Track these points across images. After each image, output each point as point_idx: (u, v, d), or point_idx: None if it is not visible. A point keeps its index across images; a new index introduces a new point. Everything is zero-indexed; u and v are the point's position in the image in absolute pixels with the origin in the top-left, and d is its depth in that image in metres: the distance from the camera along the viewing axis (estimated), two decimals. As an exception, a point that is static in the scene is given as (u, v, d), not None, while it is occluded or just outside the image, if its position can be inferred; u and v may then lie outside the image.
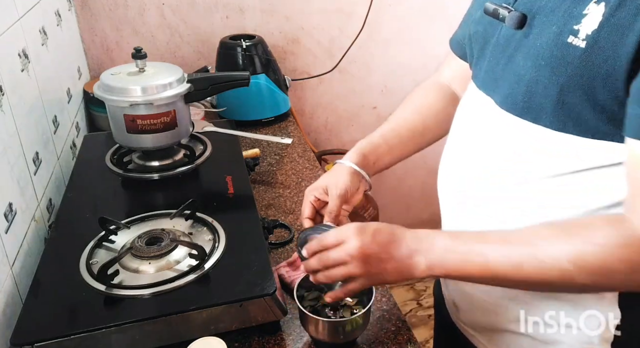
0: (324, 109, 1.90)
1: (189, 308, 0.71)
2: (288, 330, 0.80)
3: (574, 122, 0.58)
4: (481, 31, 0.72)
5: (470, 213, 0.73)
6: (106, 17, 1.57)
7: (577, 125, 0.58)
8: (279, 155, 1.34)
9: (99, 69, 1.59)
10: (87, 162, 1.11)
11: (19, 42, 0.99)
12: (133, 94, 0.97)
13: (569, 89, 0.57)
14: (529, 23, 0.62)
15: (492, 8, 0.67)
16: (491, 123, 0.68)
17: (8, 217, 0.82)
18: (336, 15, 1.73)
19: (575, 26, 0.56)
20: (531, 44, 0.62)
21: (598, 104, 0.56)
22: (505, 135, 0.66)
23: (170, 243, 0.80)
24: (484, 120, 0.70)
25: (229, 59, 1.48)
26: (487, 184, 0.69)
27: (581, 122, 0.58)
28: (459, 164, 0.75)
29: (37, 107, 1.05)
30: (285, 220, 1.07)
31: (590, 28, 0.55)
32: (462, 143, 0.75)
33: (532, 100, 0.62)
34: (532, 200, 0.64)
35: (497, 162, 0.68)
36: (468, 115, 0.75)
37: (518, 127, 0.64)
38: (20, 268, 0.84)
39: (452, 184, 0.77)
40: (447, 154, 0.80)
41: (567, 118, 0.59)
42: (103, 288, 0.73)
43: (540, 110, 0.61)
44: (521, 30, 0.63)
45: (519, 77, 0.63)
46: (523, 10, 0.63)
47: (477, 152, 0.71)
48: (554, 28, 0.59)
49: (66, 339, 0.67)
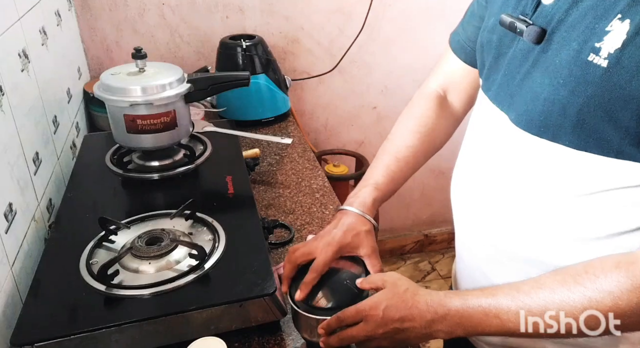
0: (324, 109, 1.90)
1: (189, 308, 0.71)
2: (288, 330, 0.80)
3: (596, 142, 0.56)
4: (495, 41, 0.69)
5: (484, 229, 0.72)
6: (106, 17, 1.57)
7: (598, 145, 0.56)
8: (279, 155, 1.34)
9: (99, 69, 1.59)
10: (87, 162, 1.11)
11: (19, 42, 0.99)
12: (133, 94, 0.97)
13: (589, 109, 0.55)
14: (548, 38, 0.59)
15: (508, 21, 0.63)
16: (506, 140, 0.66)
17: (8, 217, 0.82)
18: (336, 15, 1.73)
19: (597, 44, 0.54)
20: (550, 60, 0.59)
21: (621, 125, 0.54)
22: (521, 154, 0.64)
23: (170, 243, 0.80)
24: (499, 136, 0.68)
25: (229, 59, 1.48)
26: (502, 202, 0.68)
27: (603, 142, 0.56)
28: (474, 180, 0.74)
29: (37, 107, 1.05)
30: (285, 220, 1.07)
31: (613, 46, 0.52)
32: (477, 158, 0.74)
33: (549, 119, 0.59)
34: (550, 220, 0.63)
35: (513, 180, 0.66)
36: (482, 130, 0.73)
37: (535, 146, 0.62)
38: (20, 268, 0.84)
39: (466, 200, 0.76)
40: (460, 169, 0.78)
41: (588, 137, 0.56)
42: (103, 288, 0.73)
43: (559, 129, 0.59)
44: (539, 45, 0.60)
45: (536, 94, 0.61)
46: (542, 24, 0.60)
47: (492, 169, 0.70)
48: (574, 44, 0.56)
49: (66, 339, 0.66)
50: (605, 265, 0.55)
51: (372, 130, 1.96)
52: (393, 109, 1.86)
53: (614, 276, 0.53)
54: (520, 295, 0.58)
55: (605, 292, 0.53)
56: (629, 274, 0.52)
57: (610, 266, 0.54)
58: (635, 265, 0.52)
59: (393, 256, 2.31)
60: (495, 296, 0.59)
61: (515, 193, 0.66)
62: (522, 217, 0.66)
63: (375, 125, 1.95)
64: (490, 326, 0.59)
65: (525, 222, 0.66)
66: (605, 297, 0.53)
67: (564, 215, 0.62)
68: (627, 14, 0.52)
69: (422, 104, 0.88)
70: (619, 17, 0.52)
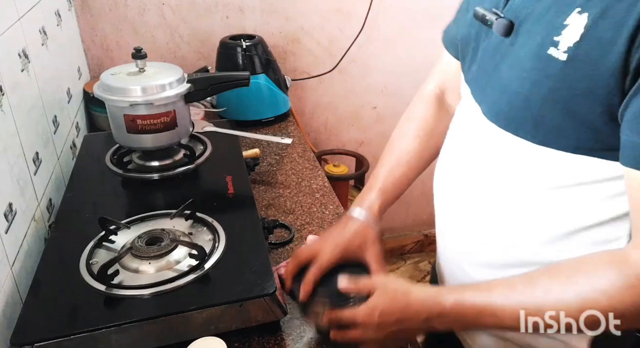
0: (324, 109, 1.90)
1: (189, 308, 0.71)
2: (288, 330, 0.80)
3: (555, 137, 0.57)
4: (473, 35, 0.70)
5: (459, 221, 0.73)
6: (106, 17, 1.57)
7: (558, 139, 0.57)
8: (279, 155, 1.34)
9: (99, 69, 1.59)
10: (87, 162, 1.11)
11: (19, 42, 0.99)
12: (133, 94, 0.97)
13: (549, 102, 0.56)
14: (516, 31, 0.60)
15: (481, 14, 0.65)
16: (479, 133, 0.68)
17: (8, 217, 0.82)
18: (336, 15, 1.73)
19: (557, 37, 0.54)
20: (516, 53, 0.60)
21: (579, 120, 0.54)
22: (492, 146, 0.66)
23: (170, 243, 0.80)
24: (473, 129, 0.69)
25: (229, 59, 1.48)
26: (476, 195, 0.69)
27: (562, 137, 0.56)
28: (451, 172, 0.76)
29: (37, 107, 1.05)
30: (285, 220, 1.07)
31: (572, 40, 0.53)
32: (455, 151, 0.76)
33: (513, 112, 0.61)
34: (520, 214, 0.64)
35: (485, 173, 0.68)
36: (461, 122, 0.75)
37: (501, 139, 0.63)
38: (20, 268, 0.84)
39: (444, 192, 0.78)
40: (441, 161, 0.80)
41: (548, 132, 0.57)
42: (103, 288, 0.73)
43: (522, 123, 0.60)
44: (508, 38, 0.61)
45: (504, 87, 0.62)
46: (511, 17, 0.61)
47: (467, 161, 0.71)
48: (538, 38, 0.57)
49: (66, 339, 0.66)
50: (598, 263, 0.55)
51: (372, 130, 1.96)
52: (393, 109, 1.86)
53: (607, 275, 0.53)
54: (514, 294, 0.58)
55: (600, 291, 0.53)
56: (621, 273, 0.52)
57: (602, 264, 0.54)
58: (626, 263, 0.52)
59: (393, 256, 2.31)
60: (489, 294, 0.59)
61: (488, 186, 0.67)
62: (494, 211, 0.67)
63: (375, 125, 1.95)
64: (487, 323, 0.59)
65: (498, 215, 0.67)
66: (601, 297, 0.52)
67: (533, 209, 0.63)
68: (585, 8, 0.52)
69: (421, 107, 0.89)
70: (578, 10, 0.53)
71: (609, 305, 0.52)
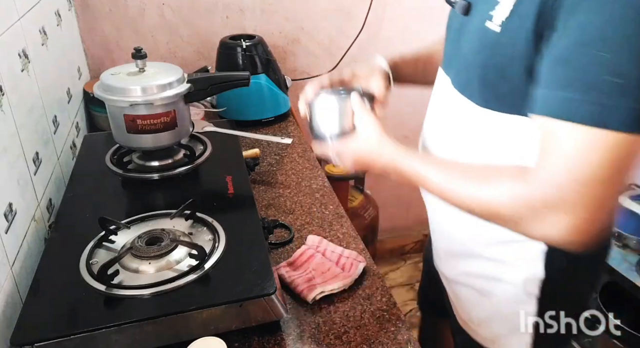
0: (324, 109, 1.89)
1: (189, 308, 0.71)
2: (288, 330, 0.80)
3: (495, 99, 0.68)
4: (450, 16, 0.82)
5: None
6: (106, 17, 1.57)
7: (497, 101, 0.68)
8: (279, 155, 1.34)
9: (99, 69, 1.59)
10: (87, 162, 1.11)
11: (19, 42, 0.99)
12: (133, 94, 0.97)
13: (488, 68, 0.67)
14: (472, 10, 0.71)
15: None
16: (447, 100, 0.79)
17: (8, 217, 0.82)
18: (336, 15, 1.73)
19: (491, 12, 0.65)
20: (469, 28, 0.71)
21: (509, 83, 0.64)
22: (455, 111, 0.77)
23: (170, 243, 0.80)
24: (444, 96, 0.81)
25: (229, 59, 1.48)
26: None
27: (500, 99, 0.67)
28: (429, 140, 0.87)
29: (37, 107, 1.05)
30: (285, 220, 1.07)
31: (504, 15, 0.63)
32: (433, 121, 0.86)
33: (468, 79, 0.72)
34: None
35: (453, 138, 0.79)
36: (437, 93, 0.85)
37: (461, 104, 0.74)
38: (20, 268, 0.84)
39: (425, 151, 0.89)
40: (423, 130, 0.90)
41: (489, 95, 0.69)
42: (103, 288, 0.73)
43: (473, 89, 0.71)
44: (467, 17, 0.72)
45: (463, 58, 0.73)
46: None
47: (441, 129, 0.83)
48: (481, 14, 0.67)
49: (66, 339, 0.67)
50: (511, 172, 0.64)
51: (372, 130, 1.95)
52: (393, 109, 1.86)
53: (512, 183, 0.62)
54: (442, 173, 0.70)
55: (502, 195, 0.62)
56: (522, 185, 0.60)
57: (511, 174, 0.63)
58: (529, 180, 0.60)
59: (393, 256, 2.31)
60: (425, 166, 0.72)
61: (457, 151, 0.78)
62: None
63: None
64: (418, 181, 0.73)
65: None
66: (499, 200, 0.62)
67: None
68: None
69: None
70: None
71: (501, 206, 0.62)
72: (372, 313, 0.84)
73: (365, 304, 0.86)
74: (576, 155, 0.56)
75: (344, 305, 0.86)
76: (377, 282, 0.91)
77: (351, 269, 0.91)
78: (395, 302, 0.87)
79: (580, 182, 0.56)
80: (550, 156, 0.58)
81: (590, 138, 0.55)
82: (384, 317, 0.83)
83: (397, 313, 0.84)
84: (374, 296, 0.88)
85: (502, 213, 0.63)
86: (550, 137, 0.58)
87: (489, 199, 0.64)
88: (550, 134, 0.58)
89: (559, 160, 0.57)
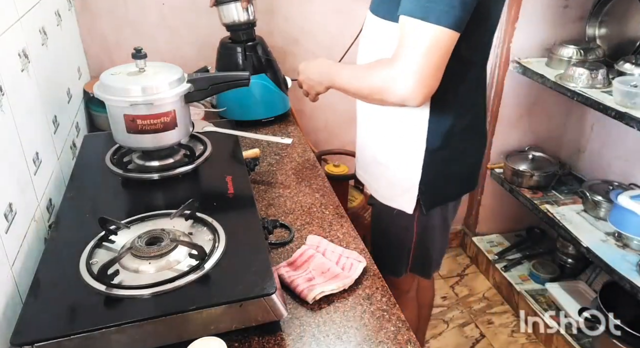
0: (323, 109, 1.90)
1: (189, 308, 0.71)
2: (288, 330, 0.80)
3: (388, 11, 0.95)
4: None
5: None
6: (106, 17, 1.57)
7: (390, 13, 0.94)
8: (279, 155, 1.34)
9: (99, 69, 1.59)
10: (87, 162, 1.11)
11: (19, 42, 0.99)
12: (133, 94, 0.97)
13: None
14: None
15: None
16: (367, 25, 1.09)
17: (8, 217, 0.82)
18: (336, 15, 1.73)
19: None
20: None
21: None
22: (369, 30, 1.08)
23: (170, 243, 0.80)
24: (366, 25, 1.10)
25: (229, 59, 1.48)
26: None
27: (391, 11, 0.93)
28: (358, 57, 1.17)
29: (37, 107, 1.05)
30: (285, 220, 1.07)
31: None
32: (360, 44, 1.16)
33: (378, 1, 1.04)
34: None
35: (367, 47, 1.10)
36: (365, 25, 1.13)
37: (373, 22, 1.04)
38: (20, 268, 0.84)
39: None
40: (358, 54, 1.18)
41: (386, 8, 0.98)
42: (103, 288, 0.73)
43: (379, 7, 1.02)
44: None
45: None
46: None
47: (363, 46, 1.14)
48: None
49: (66, 339, 0.67)
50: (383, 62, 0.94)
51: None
52: (393, 109, 1.86)
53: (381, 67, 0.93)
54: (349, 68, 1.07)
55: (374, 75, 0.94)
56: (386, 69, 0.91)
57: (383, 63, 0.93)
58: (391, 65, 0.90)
59: (393, 256, 2.31)
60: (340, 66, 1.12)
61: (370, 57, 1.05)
62: None
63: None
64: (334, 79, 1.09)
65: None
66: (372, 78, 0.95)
67: None
68: None
69: None
70: None
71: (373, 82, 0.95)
72: (372, 313, 0.84)
73: (365, 304, 0.86)
74: (414, 40, 0.87)
75: (344, 305, 0.86)
76: (377, 282, 0.91)
77: (351, 269, 0.91)
78: (395, 302, 0.87)
79: (417, 60, 0.87)
80: (400, 42, 0.89)
81: (420, 29, 0.86)
82: (384, 317, 0.83)
83: (397, 313, 0.84)
84: (374, 296, 0.88)
85: (377, 86, 0.93)
86: (401, 29, 0.89)
87: (371, 79, 0.95)
88: (401, 26, 0.89)
89: (404, 43, 0.88)
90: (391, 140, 1.12)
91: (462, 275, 2.31)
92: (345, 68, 1.07)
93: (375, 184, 1.22)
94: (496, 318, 2.07)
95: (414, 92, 0.89)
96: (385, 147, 1.14)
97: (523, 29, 1.90)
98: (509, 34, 1.92)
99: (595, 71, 1.64)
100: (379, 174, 1.19)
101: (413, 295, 1.43)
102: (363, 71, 1.00)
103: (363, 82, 0.98)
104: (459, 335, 1.99)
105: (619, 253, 1.60)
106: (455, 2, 0.84)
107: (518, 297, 2.03)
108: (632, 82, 1.49)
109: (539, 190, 2.00)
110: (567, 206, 1.89)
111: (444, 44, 0.87)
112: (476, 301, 2.16)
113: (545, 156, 2.07)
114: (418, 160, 1.08)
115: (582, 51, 1.77)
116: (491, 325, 2.04)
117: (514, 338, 1.97)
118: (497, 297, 2.17)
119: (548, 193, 1.98)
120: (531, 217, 2.18)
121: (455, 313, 2.10)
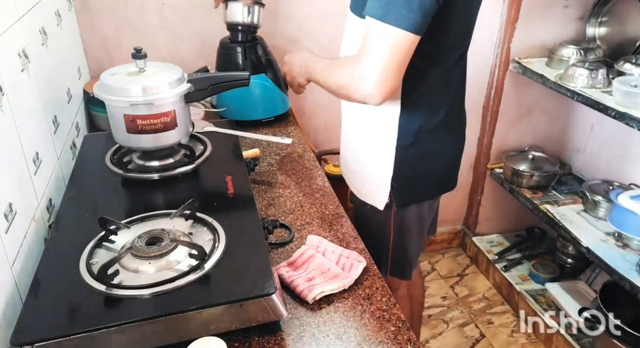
0: (323, 109, 1.90)
1: (189, 308, 0.71)
2: (288, 330, 0.80)
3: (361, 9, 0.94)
4: None
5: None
6: (106, 17, 1.57)
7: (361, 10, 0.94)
8: (279, 155, 1.34)
9: (99, 69, 1.59)
10: (87, 162, 1.11)
11: (19, 42, 0.99)
12: (133, 94, 0.97)
13: None
14: None
15: None
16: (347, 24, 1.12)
17: (8, 217, 0.82)
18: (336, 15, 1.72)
19: None
20: None
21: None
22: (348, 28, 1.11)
23: (170, 243, 0.80)
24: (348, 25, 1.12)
25: (229, 59, 1.48)
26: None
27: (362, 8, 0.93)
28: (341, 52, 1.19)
29: (37, 107, 1.05)
30: (285, 220, 1.07)
31: None
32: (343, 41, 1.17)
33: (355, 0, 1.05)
34: None
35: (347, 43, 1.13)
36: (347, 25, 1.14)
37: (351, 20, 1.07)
38: (20, 268, 0.84)
39: None
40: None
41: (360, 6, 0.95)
42: (103, 288, 0.73)
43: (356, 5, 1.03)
44: None
45: None
46: None
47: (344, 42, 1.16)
48: None
49: (66, 339, 0.67)
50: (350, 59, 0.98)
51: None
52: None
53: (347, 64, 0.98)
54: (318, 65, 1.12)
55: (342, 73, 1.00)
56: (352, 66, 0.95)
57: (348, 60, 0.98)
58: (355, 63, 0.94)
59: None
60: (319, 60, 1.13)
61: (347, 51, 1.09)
62: None
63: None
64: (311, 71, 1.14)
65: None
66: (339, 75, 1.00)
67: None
68: None
69: None
70: None
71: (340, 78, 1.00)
72: (372, 313, 0.84)
73: (365, 304, 0.86)
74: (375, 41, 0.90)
75: (344, 305, 0.86)
76: (377, 282, 0.91)
77: (351, 269, 0.91)
78: (395, 302, 0.87)
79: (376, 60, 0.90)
80: (364, 40, 0.92)
81: (381, 30, 0.89)
82: (384, 317, 0.83)
83: (397, 313, 0.84)
84: (374, 296, 0.88)
85: (342, 83, 0.99)
86: (366, 28, 0.92)
87: (338, 76, 1.01)
88: (366, 26, 0.92)
89: (366, 42, 0.92)
90: (366, 138, 1.16)
91: (462, 275, 2.32)
92: (321, 62, 1.10)
93: (354, 181, 1.25)
94: (496, 318, 2.07)
95: (372, 91, 0.92)
96: (362, 144, 1.18)
97: (523, 29, 1.90)
98: (509, 34, 1.92)
99: (595, 71, 1.64)
100: (357, 171, 1.23)
101: (404, 293, 1.44)
102: (333, 67, 1.04)
103: (331, 77, 1.03)
104: (459, 335, 2.00)
105: (619, 253, 1.61)
106: (414, 6, 0.86)
107: (518, 297, 2.03)
108: (632, 82, 1.49)
109: (539, 190, 2.00)
110: (567, 206, 1.90)
111: (403, 45, 0.89)
112: (476, 301, 2.16)
113: (545, 156, 2.08)
114: (390, 158, 1.11)
115: (582, 51, 1.78)
116: (491, 325, 2.04)
117: (514, 338, 1.98)
118: (497, 297, 2.17)
119: (548, 194, 1.98)
120: (531, 217, 2.18)
121: (455, 313, 2.10)
